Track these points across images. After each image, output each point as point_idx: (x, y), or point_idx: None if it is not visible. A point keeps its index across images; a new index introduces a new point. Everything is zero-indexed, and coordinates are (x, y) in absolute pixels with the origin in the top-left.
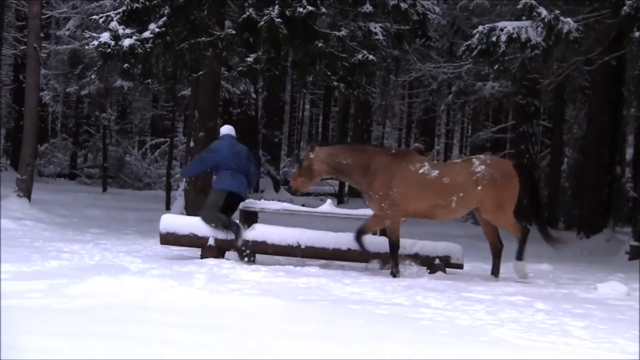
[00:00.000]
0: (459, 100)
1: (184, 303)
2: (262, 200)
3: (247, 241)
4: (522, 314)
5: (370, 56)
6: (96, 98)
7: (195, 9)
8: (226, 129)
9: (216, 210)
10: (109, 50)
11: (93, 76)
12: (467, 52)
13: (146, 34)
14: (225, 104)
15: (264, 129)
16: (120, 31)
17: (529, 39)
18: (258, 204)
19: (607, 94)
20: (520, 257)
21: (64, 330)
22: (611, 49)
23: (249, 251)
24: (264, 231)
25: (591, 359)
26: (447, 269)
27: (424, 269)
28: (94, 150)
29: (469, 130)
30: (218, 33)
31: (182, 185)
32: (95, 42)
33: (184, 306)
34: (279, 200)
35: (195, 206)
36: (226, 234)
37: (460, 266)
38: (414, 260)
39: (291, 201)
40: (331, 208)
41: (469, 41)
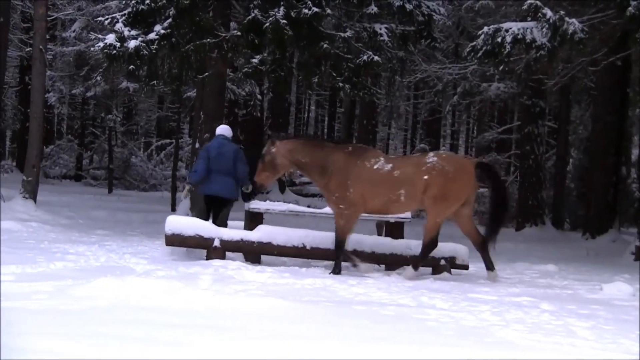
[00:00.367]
0: (464, 101)
1: (190, 304)
2: (268, 201)
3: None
4: (528, 315)
5: (376, 57)
6: (102, 100)
7: (201, 11)
8: (219, 129)
9: (199, 214)
10: (115, 51)
11: (99, 78)
12: (473, 53)
13: (152, 36)
14: (230, 105)
15: (269, 130)
16: (126, 33)
17: (534, 40)
18: (263, 205)
19: (613, 94)
20: (415, 266)
21: (69, 331)
22: (616, 50)
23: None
24: (269, 232)
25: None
26: (453, 269)
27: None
28: (100, 151)
29: (475, 131)
30: (223, 34)
31: (187, 186)
32: (100, 44)
33: (189, 308)
34: (284, 202)
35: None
36: None
37: (466, 267)
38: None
39: (297, 202)
40: None
41: (474, 42)
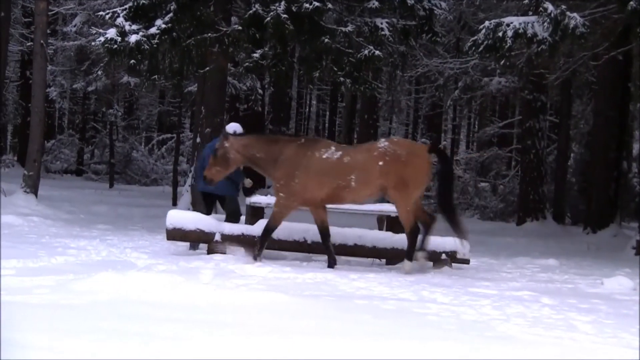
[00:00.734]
0: (465, 95)
1: (191, 299)
2: (269, 195)
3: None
4: (529, 309)
5: (377, 52)
6: (103, 94)
7: (202, 5)
8: (229, 127)
9: (199, 208)
10: (116, 46)
11: (100, 72)
12: (474, 48)
13: (152, 30)
14: (231, 100)
15: (270, 124)
16: (127, 27)
17: (535, 34)
18: (264, 199)
19: (614, 89)
20: (409, 257)
21: (70, 327)
22: (617, 44)
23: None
24: None
25: (597, 353)
26: (454, 264)
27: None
28: (101, 146)
29: (476, 126)
30: (224, 29)
31: (189, 180)
32: (101, 39)
33: (190, 302)
34: None
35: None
36: None
37: (467, 261)
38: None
39: None
40: None
41: (476, 36)
